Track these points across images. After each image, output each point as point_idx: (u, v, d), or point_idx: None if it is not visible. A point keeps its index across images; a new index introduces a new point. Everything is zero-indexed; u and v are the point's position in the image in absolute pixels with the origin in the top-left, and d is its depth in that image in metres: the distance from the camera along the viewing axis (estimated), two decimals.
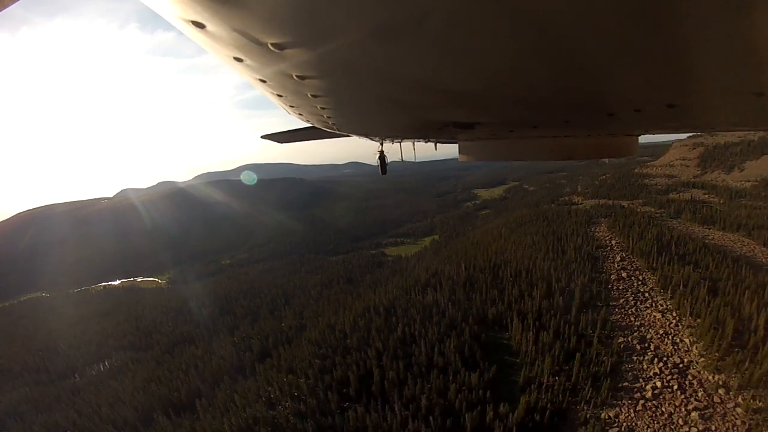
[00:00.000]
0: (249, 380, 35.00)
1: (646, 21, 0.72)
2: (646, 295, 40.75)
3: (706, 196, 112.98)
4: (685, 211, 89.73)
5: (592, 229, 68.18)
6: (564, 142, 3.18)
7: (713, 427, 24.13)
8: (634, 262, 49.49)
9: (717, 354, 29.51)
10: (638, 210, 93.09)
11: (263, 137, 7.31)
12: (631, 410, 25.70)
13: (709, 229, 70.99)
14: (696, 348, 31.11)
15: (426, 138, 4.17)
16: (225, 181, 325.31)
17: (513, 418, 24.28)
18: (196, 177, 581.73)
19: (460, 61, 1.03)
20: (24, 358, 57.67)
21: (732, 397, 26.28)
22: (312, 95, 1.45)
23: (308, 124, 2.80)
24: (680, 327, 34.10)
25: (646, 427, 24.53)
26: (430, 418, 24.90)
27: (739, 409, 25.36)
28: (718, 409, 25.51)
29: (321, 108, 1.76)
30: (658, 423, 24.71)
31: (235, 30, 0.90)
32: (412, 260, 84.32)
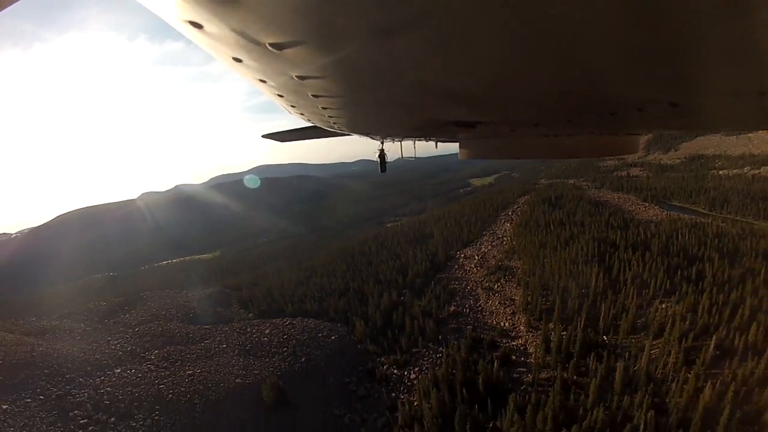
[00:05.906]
0: (303, 263, 77.03)
1: (649, 19, 0.76)
2: (514, 219, 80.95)
3: (641, 172, 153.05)
4: (607, 183, 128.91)
5: (522, 196, 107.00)
6: (566, 140, 3.40)
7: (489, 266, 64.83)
8: (523, 208, 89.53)
9: (515, 238, 69.98)
10: (574, 184, 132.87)
11: (264, 137, 7.77)
12: (454, 267, 66.24)
13: (615, 193, 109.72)
14: (509, 241, 71.50)
15: (427, 137, 4.52)
16: (239, 182, 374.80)
17: (417, 259, 65.76)
18: (211, 179, 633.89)
19: (461, 61, 1.08)
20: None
21: (509, 249, 66.71)
22: (313, 95, 1.55)
23: (309, 123, 3.00)
24: (511, 227, 74.43)
25: (456, 273, 64.89)
26: (384, 259, 66.62)
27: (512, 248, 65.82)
28: (499, 263, 66.01)
29: (322, 108, 1.88)
30: (463, 271, 65.12)
31: (233, 30, 0.93)
32: None
